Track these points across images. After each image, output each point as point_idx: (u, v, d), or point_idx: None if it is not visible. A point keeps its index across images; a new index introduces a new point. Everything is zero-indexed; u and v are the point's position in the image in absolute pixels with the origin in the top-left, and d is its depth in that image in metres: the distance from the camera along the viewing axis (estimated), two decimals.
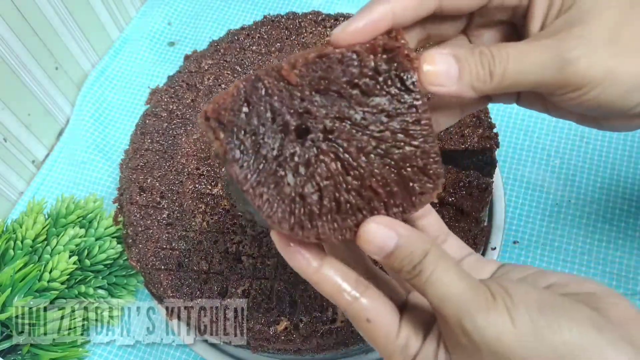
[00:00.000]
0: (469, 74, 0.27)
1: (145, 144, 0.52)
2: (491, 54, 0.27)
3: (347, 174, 0.27)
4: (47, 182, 0.66)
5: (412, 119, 0.27)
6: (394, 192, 0.27)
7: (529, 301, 0.24)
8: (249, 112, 0.27)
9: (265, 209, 0.26)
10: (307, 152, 0.27)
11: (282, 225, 0.26)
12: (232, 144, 0.26)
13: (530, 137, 0.62)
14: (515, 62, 0.27)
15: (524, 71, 0.27)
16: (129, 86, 0.72)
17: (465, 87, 0.27)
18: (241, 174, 0.26)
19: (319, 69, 0.27)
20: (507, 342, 0.24)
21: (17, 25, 0.60)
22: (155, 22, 0.77)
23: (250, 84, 0.27)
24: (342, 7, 0.75)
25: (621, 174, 0.58)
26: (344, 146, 0.27)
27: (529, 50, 0.27)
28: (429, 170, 0.27)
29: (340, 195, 0.27)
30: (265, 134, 0.27)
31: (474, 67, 0.27)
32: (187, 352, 0.53)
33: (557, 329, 0.24)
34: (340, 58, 0.27)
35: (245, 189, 0.26)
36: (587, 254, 0.54)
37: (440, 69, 0.27)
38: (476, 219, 0.46)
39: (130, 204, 0.49)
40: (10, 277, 0.47)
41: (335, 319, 0.42)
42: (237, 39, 0.58)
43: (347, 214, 0.27)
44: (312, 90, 0.27)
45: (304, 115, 0.27)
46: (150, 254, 0.46)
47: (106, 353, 0.54)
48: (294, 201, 0.27)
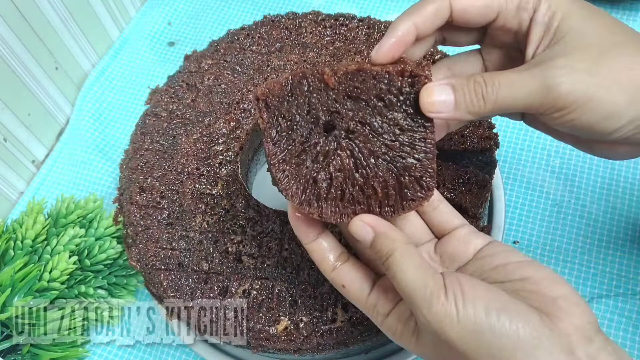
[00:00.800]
0: (464, 102, 0.31)
1: (145, 144, 0.52)
2: (484, 82, 0.31)
3: (356, 170, 0.32)
4: (47, 182, 0.66)
5: (419, 136, 0.32)
6: (389, 195, 0.32)
7: (478, 300, 0.28)
8: (291, 102, 0.32)
9: (283, 182, 0.32)
10: (328, 144, 0.32)
11: (294, 199, 0.32)
12: (271, 124, 0.32)
13: (530, 137, 0.62)
14: (506, 89, 0.31)
15: (514, 97, 0.31)
16: (129, 86, 0.72)
17: (462, 112, 0.32)
18: (272, 150, 0.32)
19: (356, 80, 0.32)
20: (448, 332, 0.27)
21: (17, 25, 0.60)
22: (155, 22, 0.77)
23: (297, 79, 0.32)
24: (342, 7, 0.75)
25: (621, 174, 0.58)
26: (359, 146, 0.32)
27: (518, 79, 0.31)
28: (423, 182, 0.32)
29: (346, 187, 0.32)
30: (299, 123, 0.32)
31: (468, 96, 0.31)
32: (187, 352, 0.53)
33: (498, 328, 0.27)
34: (374, 74, 0.32)
35: (272, 163, 0.32)
36: (587, 254, 0.54)
37: (437, 99, 0.31)
38: (475, 215, 0.46)
39: (130, 204, 0.49)
40: (10, 277, 0.47)
41: (336, 319, 0.42)
42: (237, 39, 0.58)
43: (348, 204, 0.32)
44: (345, 95, 0.32)
45: (333, 114, 0.32)
46: (150, 254, 0.46)
47: (106, 353, 0.54)
48: (307, 182, 0.32)
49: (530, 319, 0.27)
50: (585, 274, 0.53)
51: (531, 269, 0.31)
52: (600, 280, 0.53)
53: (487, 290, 0.29)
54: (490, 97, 0.31)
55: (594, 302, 0.51)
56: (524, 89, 0.30)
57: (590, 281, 0.53)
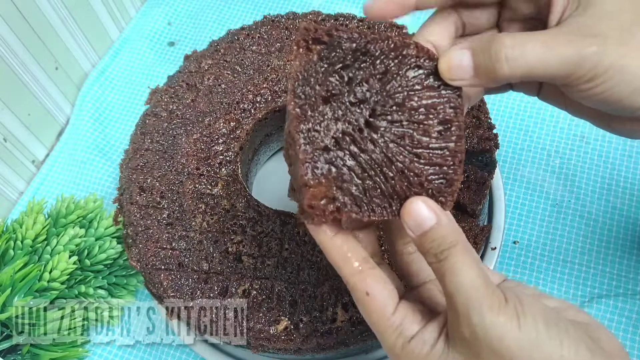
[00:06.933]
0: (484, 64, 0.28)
1: (145, 144, 0.52)
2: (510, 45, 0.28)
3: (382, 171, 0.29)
4: (47, 182, 0.66)
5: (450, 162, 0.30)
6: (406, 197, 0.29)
7: (537, 313, 0.26)
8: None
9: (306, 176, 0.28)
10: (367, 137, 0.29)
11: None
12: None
13: (530, 137, 0.62)
14: (536, 54, 0.28)
15: (545, 64, 0.28)
16: (129, 86, 0.72)
17: (483, 79, 0.29)
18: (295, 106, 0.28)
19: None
20: (508, 344, 0.25)
21: (17, 25, 0.60)
22: (155, 22, 0.77)
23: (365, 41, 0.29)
24: (342, 7, 0.75)
25: (621, 174, 0.58)
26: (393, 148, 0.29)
27: (553, 43, 0.28)
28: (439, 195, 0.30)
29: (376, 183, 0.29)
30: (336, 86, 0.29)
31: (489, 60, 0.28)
32: (187, 352, 0.53)
33: (558, 343, 0.25)
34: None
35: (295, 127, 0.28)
36: (587, 254, 0.54)
37: (455, 63, 0.29)
38: (474, 213, 0.46)
39: (130, 204, 0.49)
40: (10, 277, 0.47)
41: (336, 319, 0.42)
42: (237, 39, 0.58)
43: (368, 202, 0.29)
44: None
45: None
46: (150, 254, 0.46)
47: (106, 353, 0.54)
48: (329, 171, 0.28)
49: (583, 337, 0.26)
50: (585, 274, 0.53)
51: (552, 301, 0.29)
52: (600, 280, 0.53)
53: (540, 305, 0.27)
54: (518, 61, 0.28)
55: (594, 302, 0.51)
56: (558, 56, 0.28)
57: (590, 281, 0.53)
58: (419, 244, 0.28)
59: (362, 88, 0.29)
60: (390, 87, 0.29)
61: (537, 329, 0.25)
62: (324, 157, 0.28)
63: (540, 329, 0.25)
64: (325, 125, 0.28)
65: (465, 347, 0.27)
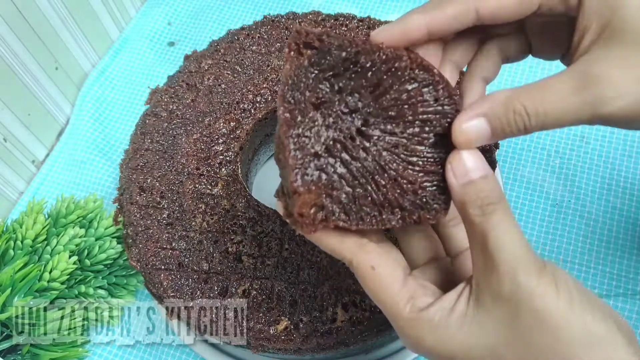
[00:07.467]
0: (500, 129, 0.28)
1: (145, 144, 0.52)
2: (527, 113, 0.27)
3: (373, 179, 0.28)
4: (47, 182, 0.66)
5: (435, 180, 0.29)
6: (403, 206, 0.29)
7: (571, 285, 0.26)
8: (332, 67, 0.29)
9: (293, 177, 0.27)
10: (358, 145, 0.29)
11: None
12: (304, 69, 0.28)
13: (530, 137, 0.62)
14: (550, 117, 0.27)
15: (559, 122, 0.27)
16: (129, 86, 0.72)
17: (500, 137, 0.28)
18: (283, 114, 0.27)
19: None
20: (549, 306, 0.25)
21: (17, 25, 0.60)
22: (155, 22, 0.77)
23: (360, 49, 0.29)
24: (342, 7, 0.75)
25: (621, 174, 0.58)
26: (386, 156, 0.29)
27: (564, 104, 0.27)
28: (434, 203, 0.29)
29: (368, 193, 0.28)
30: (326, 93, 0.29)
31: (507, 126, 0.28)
32: (187, 352, 0.53)
33: (590, 316, 0.26)
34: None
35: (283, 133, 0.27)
36: (587, 254, 0.54)
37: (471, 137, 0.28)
38: None
39: (130, 204, 0.49)
40: (10, 277, 0.47)
41: (336, 319, 0.42)
42: (237, 39, 0.58)
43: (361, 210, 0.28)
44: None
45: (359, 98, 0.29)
46: (150, 254, 0.46)
47: (106, 353, 0.54)
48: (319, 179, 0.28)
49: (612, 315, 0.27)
50: (585, 274, 0.53)
51: None
52: (600, 280, 0.53)
53: (572, 278, 0.27)
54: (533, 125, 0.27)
55: None
56: (571, 115, 0.27)
57: (590, 281, 0.53)
58: (461, 194, 0.27)
59: (353, 98, 0.29)
60: (383, 100, 0.29)
61: (572, 298, 0.26)
62: (314, 163, 0.27)
63: (575, 298, 0.26)
64: (316, 132, 0.28)
65: (502, 306, 0.26)
